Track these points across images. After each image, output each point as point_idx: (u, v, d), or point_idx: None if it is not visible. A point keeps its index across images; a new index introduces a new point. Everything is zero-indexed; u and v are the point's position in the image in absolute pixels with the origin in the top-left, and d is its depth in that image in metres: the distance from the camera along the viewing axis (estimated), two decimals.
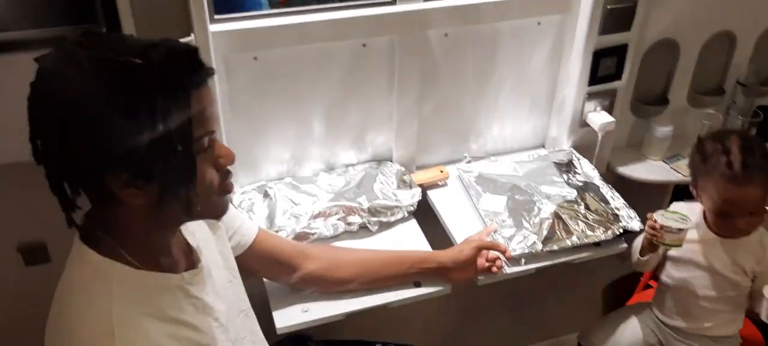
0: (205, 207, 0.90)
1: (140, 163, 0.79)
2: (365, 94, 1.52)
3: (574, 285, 2.11)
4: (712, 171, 1.37)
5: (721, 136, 1.41)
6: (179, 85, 0.80)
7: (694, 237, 1.47)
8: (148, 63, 0.78)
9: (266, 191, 1.49)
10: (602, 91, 1.65)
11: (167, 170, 0.81)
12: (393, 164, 1.61)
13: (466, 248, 1.35)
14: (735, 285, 1.45)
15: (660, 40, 1.68)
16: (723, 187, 1.35)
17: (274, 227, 1.41)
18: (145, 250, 0.89)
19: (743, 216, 1.36)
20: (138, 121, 0.77)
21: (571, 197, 1.52)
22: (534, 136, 1.77)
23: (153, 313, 0.87)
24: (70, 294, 0.86)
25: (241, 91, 1.40)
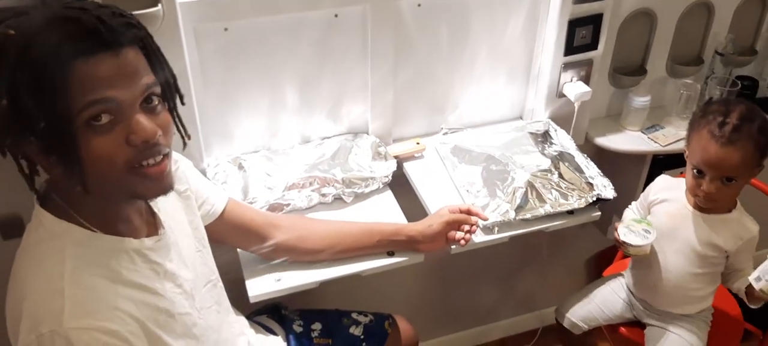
0: (114, 186, 0.86)
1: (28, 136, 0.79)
2: (339, 66, 1.52)
3: (556, 258, 2.13)
4: (703, 127, 1.37)
5: (729, 102, 1.41)
6: (52, 55, 0.76)
7: (671, 210, 1.48)
8: (20, 33, 0.77)
9: (241, 163, 1.50)
10: (578, 61, 1.64)
11: (49, 145, 0.80)
12: (369, 136, 1.61)
13: (435, 222, 1.35)
14: (709, 261, 1.46)
15: (637, 10, 1.68)
16: (706, 142, 1.35)
17: (248, 198, 1.41)
18: (101, 215, 0.90)
19: (714, 180, 1.36)
20: (10, 92, 0.76)
21: (544, 166, 1.52)
22: (511, 107, 1.77)
23: (107, 275, 0.87)
24: (24, 255, 0.87)
25: (212, 62, 1.40)
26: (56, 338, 0.80)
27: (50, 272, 0.84)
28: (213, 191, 1.22)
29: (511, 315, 2.25)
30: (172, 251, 1.01)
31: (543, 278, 2.17)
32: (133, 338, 0.86)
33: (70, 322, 0.81)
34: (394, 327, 1.51)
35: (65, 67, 0.77)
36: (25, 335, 0.82)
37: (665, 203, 1.50)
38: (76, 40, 0.77)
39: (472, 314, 2.19)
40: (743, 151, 1.32)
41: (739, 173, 1.35)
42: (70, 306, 0.82)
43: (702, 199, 1.40)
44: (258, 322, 1.40)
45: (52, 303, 0.82)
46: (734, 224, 1.43)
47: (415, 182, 1.56)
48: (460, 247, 1.37)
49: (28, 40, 0.76)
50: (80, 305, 0.83)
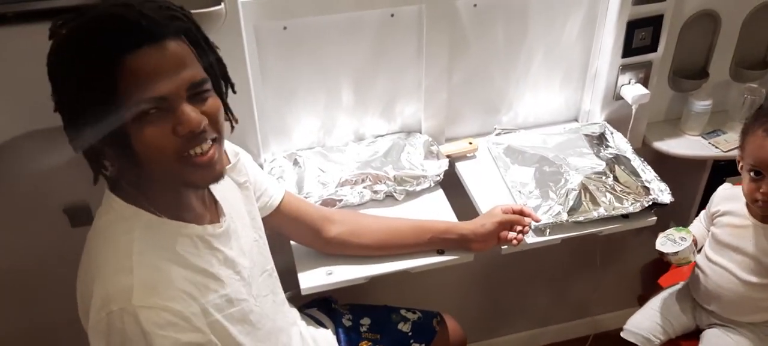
0: (168, 174, 0.89)
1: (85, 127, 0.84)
2: (394, 64, 1.54)
3: (610, 264, 2.09)
4: (758, 127, 1.33)
5: None
6: (100, 51, 0.80)
7: (734, 222, 1.44)
8: (71, 33, 0.81)
9: (296, 159, 1.53)
10: (637, 63, 1.61)
11: (105, 136, 0.84)
12: (421, 135, 1.63)
13: (488, 222, 1.36)
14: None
15: (700, 12, 1.63)
16: (762, 140, 1.31)
17: (302, 193, 1.45)
18: (166, 202, 0.94)
19: None
20: (69, 90, 0.82)
21: (599, 169, 1.50)
22: (567, 109, 1.75)
23: (172, 258, 0.92)
24: (95, 237, 0.92)
25: (271, 59, 1.44)
26: (125, 315, 0.84)
27: (120, 252, 0.88)
28: (271, 184, 1.26)
29: (562, 321, 2.22)
30: (232, 238, 1.05)
31: (596, 283, 2.13)
32: (195, 319, 0.90)
33: (138, 300, 0.85)
34: (442, 325, 1.52)
35: (113, 62, 0.80)
36: (95, 313, 0.86)
37: (727, 216, 1.46)
38: (120, 35, 0.80)
39: (521, 318, 2.17)
40: None
41: None
42: (139, 285, 0.86)
43: (762, 203, 1.35)
44: (309, 314, 1.43)
45: (121, 282, 0.86)
46: None
47: (466, 182, 1.56)
48: (511, 247, 1.37)
49: (78, 38, 0.81)
50: (147, 284, 0.87)
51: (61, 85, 0.84)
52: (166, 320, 0.86)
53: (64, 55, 0.82)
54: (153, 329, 0.85)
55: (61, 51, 0.82)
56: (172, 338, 0.87)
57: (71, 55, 0.81)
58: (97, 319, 0.86)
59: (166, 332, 0.86)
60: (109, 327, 0.85)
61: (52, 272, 1.52)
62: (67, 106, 0.85)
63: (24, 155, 1.30)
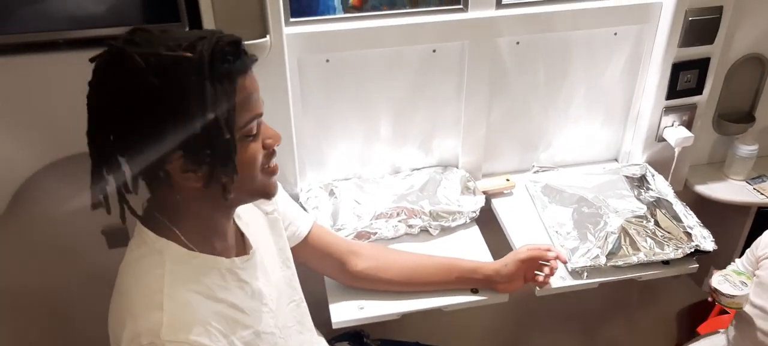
0: (251, 187, 0.95)
1: (195, 148, 0.85)
2: (433, 99, 1.54)
3: (647, 308, 2.04)
4: None
5: None
6: (226, 73, 0.85)
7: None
8: (198, 55, 0.83)
9: (332, 189, 1.54)
10: (681, 105, 1.59)
11: (215, 154, 0.87)
12: (458, 170, 1.62)
13: (510, 261, 1.33)
14: None
15: (747, 55, 1.61)
16: None
17: (337, 224, 1.45)
18: (199, 233, 0.95)
19: None
20: (191, 110, 0.83)
21: (640, 212, 1.47)
22: (607, 149, 1.73)
23: (202, 291, 0.93)
24: (127, 271, 0.94)
25: (312, 91, 1.45)
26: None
27: (151, 286, 0.90)
28: (299, 214, 1.26)
29: None
30: (259, 269, 1.05)
31: (632, 327, 2.08)
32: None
33: (166, 335, 0.86)
34: None
35: (233, 84, 0.87)
36: (126, 343, 0.88)
37: None
38: (238, 59, 0.87)
39: None
40: None
41: None
42: (168, 320, 0.87)
43: None
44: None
45: (151, 316, 0.87)
46: None
47: (502, 219, 1.55)
48: (545, 289, 1.34)
49: (203, 61, 0.84)
50: (177, 319, 0.88)
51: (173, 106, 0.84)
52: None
53: (191, 76, 0.84)
54: None
55: (185, 72, 0.84)
56: None
57: (199, 76, 0.84)
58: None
59: None
60: None
61: (90, 292, 1.54)
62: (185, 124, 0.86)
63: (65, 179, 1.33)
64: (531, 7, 1.47)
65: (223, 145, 0.86)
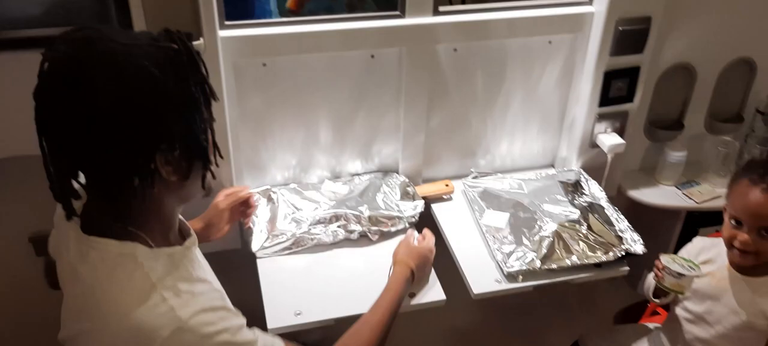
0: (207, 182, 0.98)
1: (191, 139, 0.89)
2: (373, 105, 1.54)
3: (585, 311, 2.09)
4: (745, 177, 1.35)
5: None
6: (202, 62, 0.90)
7: (714, 271, 1.45)
8: (183, 47, 0.86)
9: (270, 195, 1.53)
10: (613, 112, 1.64)
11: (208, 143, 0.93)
12: (398, 176, 1.63)
13: (212, 214, 1.38)
14: (750, 326, 1.40)
15: (676, 64, 1.67)
16: (746, 189, 1.32)
17: (275, 230, 1.44)
18: (157, 230, 0.95)
19: (751, 230, 1.33)
20: (194, 102, 0.87)
21: (573, 217, 1.51)
22: (543, 155, 1.76)
23: (183, 277, 0.92)
24: (102, 286, 0.89)
25: (249, 96, 1.44)
26: (182, 333, 0.85)
27: (141, 286, 0.87)
28: None
29: None
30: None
31: (568, 330, 2.12)
32: (230, 305, 0.95)
33: (184, 314, 0.86)
34: None
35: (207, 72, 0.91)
36: None
37: (706, 265, 1.46)
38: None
39: None
40: None
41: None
42: (177, 304, 0.86)
43: (738, 253, 1.36)
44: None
45: (159, 309, 0.86)
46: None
47: (441, 223, 1.56)
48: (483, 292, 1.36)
49: (192, 52, 0.87)
50: (183, 299, 0.87)
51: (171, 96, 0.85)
52: (218, 316, 0.89)
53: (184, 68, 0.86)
54: (209, 330, 0.87)
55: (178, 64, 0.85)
56: (229, 328, 0.90)
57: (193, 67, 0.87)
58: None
59: (219, 326, 0.89)
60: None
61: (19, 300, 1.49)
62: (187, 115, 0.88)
63: None
64: (468, 14, 1.49)
65: (211, 133, 0.92)
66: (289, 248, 1.44)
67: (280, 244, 1.44)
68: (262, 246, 1.42)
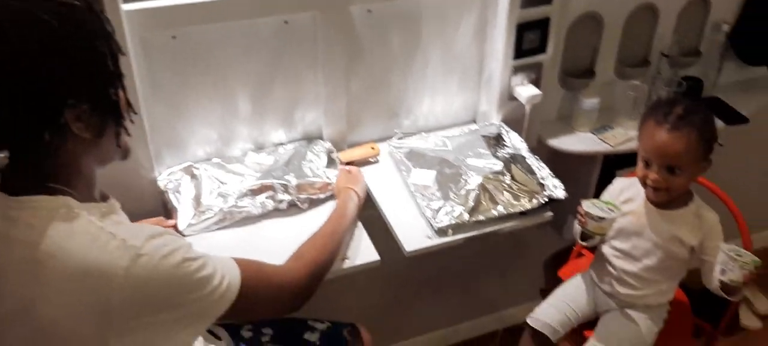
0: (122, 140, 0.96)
1: (99, 94, 0.87)
2: (291, 72, 1.52)
3: (515, 260, 2.15)
4: (649, 119, 1.41)
5: (676, 98, 1.47)
6: (106, 20, 0.89)
7: (634, 209, 1.51)
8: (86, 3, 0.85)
9: (193, 171, 1.49)
10: (528, 64, 1.67)
11: (117, 101, 0.91)
12: (323, 142, 1.62)
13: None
14: (672, 256, 1.49)
15: (584, 14, 1.72)
16: (653, 130, 1.40)
17: (200, 207, 1.40)
18: (80, 188, 0.92)
19: (660, 169, 1.40)
20: (99, 55, 0.86)
21: (497, 169, 1.54)
22: (465, 111, 1.79)
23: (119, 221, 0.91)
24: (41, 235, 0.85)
25: (160, 71, 1.39)
26: (140, 259, 0.84)
27: (86, 229, 0.86)
28: None
29: (472, 318, 2.27)
30: None
31: (502, 280, 2.19)
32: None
33: (138, 242, 0.85)
34: (354, 336, 1.49)
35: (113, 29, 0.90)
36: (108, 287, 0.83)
37: (627, 204, 1.53)
38: None
39: (432, 319, 2.20)
40: (687, 138, 1.37)
41: (682, 161, 1.39)
42: (127, 235, 0.85)
43: (651, 190, 1.43)
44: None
45: (111, 244, 0.84)
46: (691, 217, 1.46)
47: (369, 186, 1.56)
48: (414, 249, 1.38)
49: (93, 6, 0.86)
50: (131, 231, 0.87)
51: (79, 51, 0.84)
52: (166, 240, 0.88)
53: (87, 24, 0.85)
54: (165, 251, 0.87)
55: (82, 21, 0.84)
56: (181, 246, 0.90)
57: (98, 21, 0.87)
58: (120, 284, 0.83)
59: (173, 246, 0.88)
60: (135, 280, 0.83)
61: None
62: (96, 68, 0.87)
63: None
64: None
65: (122, 90, 0.91)
66: (218, 223, 1.41)
67: (208, 220, 1.40)
68: (189, 224, 1.39)
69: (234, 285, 0.98)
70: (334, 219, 1.34)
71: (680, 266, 1.52)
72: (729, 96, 2.01)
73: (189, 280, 0.90)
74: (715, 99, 2.00)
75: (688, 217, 1.47)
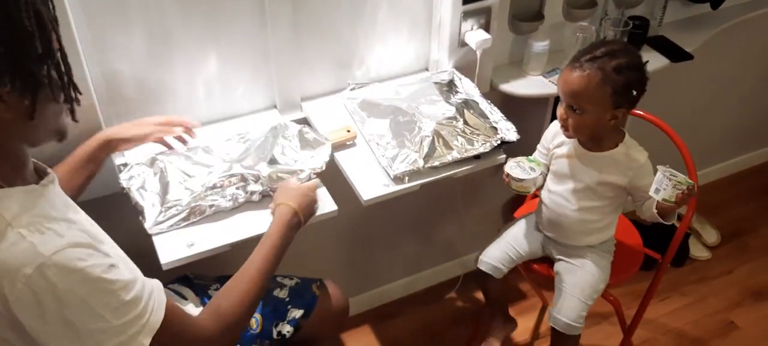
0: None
1: (23, 74, 0.82)
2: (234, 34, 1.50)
3: (472, 206, 2.20)
4: (568, 63, 1.45)
5: (611, 42, 1.50)
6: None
7: (567, 152, 1.55)
8: None
9: (156, 163, 1.39)
10: (477, 9, 1.68)
11: (51, 79, 0.86)
12: (294, 125, 1.49)
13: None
14: (604, 196, 1.53)
15: None
16: (565, 75, 1.43)
17: (167, 203, 1.31)
18: (6, 168, 0.88)
19: (565, 105, 1.44)
20: (20, 32, 0.80)
21: (450, 114, 1.56)
22: (417, 59, 1.79)
23: (41, 214, 0.87)
24: None
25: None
26: (45, 269, 0.81)
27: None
28: None
29: (434, 265, 2.32)
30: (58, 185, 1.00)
31: (461, 226, 2.23)
32: (98, 245, 0.89)
33: (47, 250, 0.82)
34: (323, 291, 1.51)
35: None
36: (9, 290, 0.81)
37: (561, 147, 1.57)
38: None
39: (395, 268, 2.24)
40: (587, 79, 1.38)
41: (580, 100, 1.40)
42: (38, 240, 0.82)
43: (564, 129, 1.48)
44: (170, 289, 1.38)
45: (19, 246, 0.81)
46: (621, 157, 1.49)
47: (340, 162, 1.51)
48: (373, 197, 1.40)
49: None
50: (44, 236, 0.83)
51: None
52: (85, 253, 0.85)
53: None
54: (78, 265, 0.84)
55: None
56: (99, 266, 0.86)
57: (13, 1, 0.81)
58: (17, 294, 0.81)
59: (90, 262, 0.85)
60: (35, 291, 0.81)
61: None
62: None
63: None
64: None
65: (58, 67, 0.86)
66: (187, 218, 1.32)
67: (176, 216, 1.31)
68: (156, 222, 1.30)
69: (152, 324, 0.92)
70: (264, 252, 1.19)
71: (615, 204, 1.57)
72: (674, 34, 2.06)
73: (98, 302, 0.85)
74: (661, 37, 2.04)
75: (617, 157, 1.49)
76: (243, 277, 1.14)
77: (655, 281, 1.76)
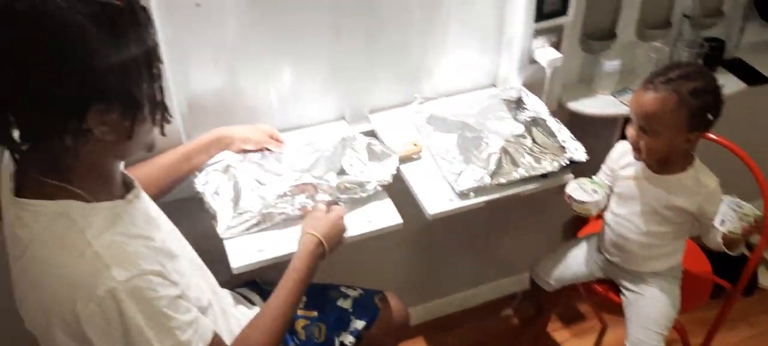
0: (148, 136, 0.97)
1: (130, 100, 0.86)
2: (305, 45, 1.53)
3: (535, 223, 2.17)
4: (642, 84, 1.42)
5: (687, 64, 1.50)
6: (147, 19, 0.88)
7: (633, 174, 1.52)
8: (128, 5, 0.84)
9: (229, 169, 1.42)
10: (549, 27, 1.67)
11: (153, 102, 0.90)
12: (363, 136, 1.52)
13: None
14: (670, 221, 1.50)
15: None
16: (638, 96, 1.41)
17: (239, 209, 1.35)
18: (97, 183, 0.93)
19: (636, 127, 1.41)
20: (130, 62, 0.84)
21: (518, 132, 1.55)
22: (485, 75, 1.79)
23: (120, 232, 0.91)
24: (36, 246, 0.88)
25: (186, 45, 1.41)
26: (117, 294, 0.85)
27: (75, 244, 0.87)
28: None
29: (493, 279, 2.30)
30: (146, 199, 1.05)
31: (521, 242, 2.21)
32: (168, 275, 0.93)
33: (121, 275, 0.85)
34: (385, 303, 1.52)
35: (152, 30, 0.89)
36: (82, 308, 0.85)
37: (627, 168, 1.54)
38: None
39: (455, 281, 2.24)
40: (662, 101, 1.35)
41: (653, 123, 1.37)
42: (113, 262, 0.86)
43: (632, 149, 1.45)
44: (239, 293, 1.42)
45: (94, 266, 0.85)
46: (690, 182, 1.45)
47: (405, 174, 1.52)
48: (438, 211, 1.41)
49: (136, 9, 0.85)
50: (120, 258, 0.87)
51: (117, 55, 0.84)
52: (156, 282, 0.89)
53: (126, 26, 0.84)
54: (145, 295, 0.87)
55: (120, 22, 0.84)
56: (164, 298, 0.89)
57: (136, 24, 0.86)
58: (89, 313, 0.85)
59: (157, 293, 0.88)
60: (105, 313, 0.85)
61: None
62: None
63: None
64: None
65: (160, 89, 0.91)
66: (257, 224, 1.35)
67: (247, 222, 1.34)
68: (228, 226, 1.33)
69: None
70: (290, 286, 1.20)
71: (683, 229, 1.53)
72: (751, 57, 2.00)
73: (155, 335, 0.88)
74: (737, 60, 1.98)
75: (686, 182, 1.45)
76: (271, 311, 1.16)
77: (725, 311, 1.71)
